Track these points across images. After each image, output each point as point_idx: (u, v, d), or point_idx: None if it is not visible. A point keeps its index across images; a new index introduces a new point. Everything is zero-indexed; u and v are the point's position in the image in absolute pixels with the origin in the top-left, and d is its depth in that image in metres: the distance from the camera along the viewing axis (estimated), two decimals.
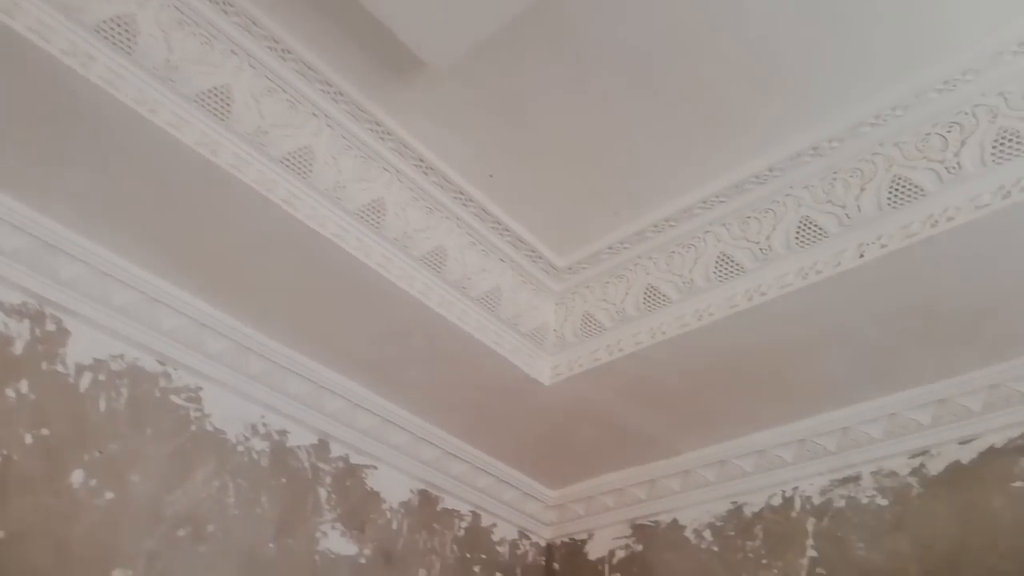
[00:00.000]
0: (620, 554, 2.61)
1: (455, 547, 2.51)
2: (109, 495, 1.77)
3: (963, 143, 1.54)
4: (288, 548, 2.07)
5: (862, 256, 1.66)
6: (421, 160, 1.78)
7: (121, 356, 1.88)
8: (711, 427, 2.30)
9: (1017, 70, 1.47)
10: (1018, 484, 1.90)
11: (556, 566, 2.77)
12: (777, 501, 2.31)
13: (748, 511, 2.36)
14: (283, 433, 2.16)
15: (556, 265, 2.06)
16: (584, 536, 2.73)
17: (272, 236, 1.72)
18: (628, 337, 2.02)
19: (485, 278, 2.00)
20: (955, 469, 2.02)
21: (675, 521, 2.51)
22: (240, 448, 2.06)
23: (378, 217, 1.78)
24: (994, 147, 1.50)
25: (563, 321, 2.13)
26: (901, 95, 1.56)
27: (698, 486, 2.45)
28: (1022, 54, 1.45)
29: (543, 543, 2.81)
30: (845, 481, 2.20)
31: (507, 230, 1.95)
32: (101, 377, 1.83)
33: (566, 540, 2.78)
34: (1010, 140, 1.48)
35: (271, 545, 2.04)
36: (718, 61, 1.53)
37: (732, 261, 1.84)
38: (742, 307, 1.83)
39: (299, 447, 2.19)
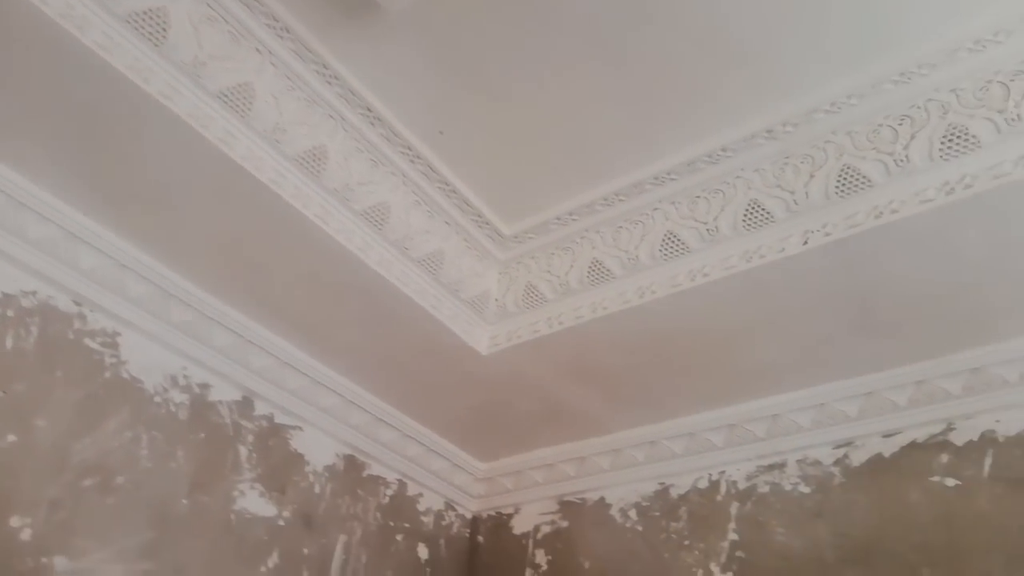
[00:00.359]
0: (545, 529, 2.60)
1: (379, 514, 2.46)
2: (11, 438, 1.66)
3: (913, 137, 1.55)
4: (202, 505, 1.99)
5: (806, 243, 1.67)
6: (369, 110, 1.70)
7: (33, 293, 1.76)
8: (645, 407, 2.30)
9: (970, 68, 1.48)
10: (935, 479, 1.95)
11: (480, 539, 2.75)
12: (703, 484, 2.33)
13: (674, 492, 2.37)
14: (205, 387, 2.08)
15: (502, 232, 2.01)
16: (511, 510, 2.72)
17: (204, 176, 1.63)
18: (569, 311, 1.99)
19: (428, 240, 1.94)
20: (877, 461, 2.06)
21: (602, 499, 2.52)
22: (158, 399, 1.96)
23: (319, 165, 1.70)
24: (943, 143, 1.51)
25: (505, 290, 2.09)
26: (857, 84, 1.56)
27: (627, 465, 2.45)
28: (977, 52, 1.46)
29: (469, 515, 2.79)
30: (771, 468, 2.23)
31: (454, 192, 1.90)
32: (10, 313, 1.72)
33: (492, 513, 2.77)
34: (958, 137, 1.50)
35: (184, 501, 1.96)
36: (680, 34, 1.50)
37: (678, 240, 1.82)
38: (684, 287, 1.82)
39: (221, 402, 2.11)
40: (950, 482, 1.93)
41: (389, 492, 2.52)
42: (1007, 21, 1.41)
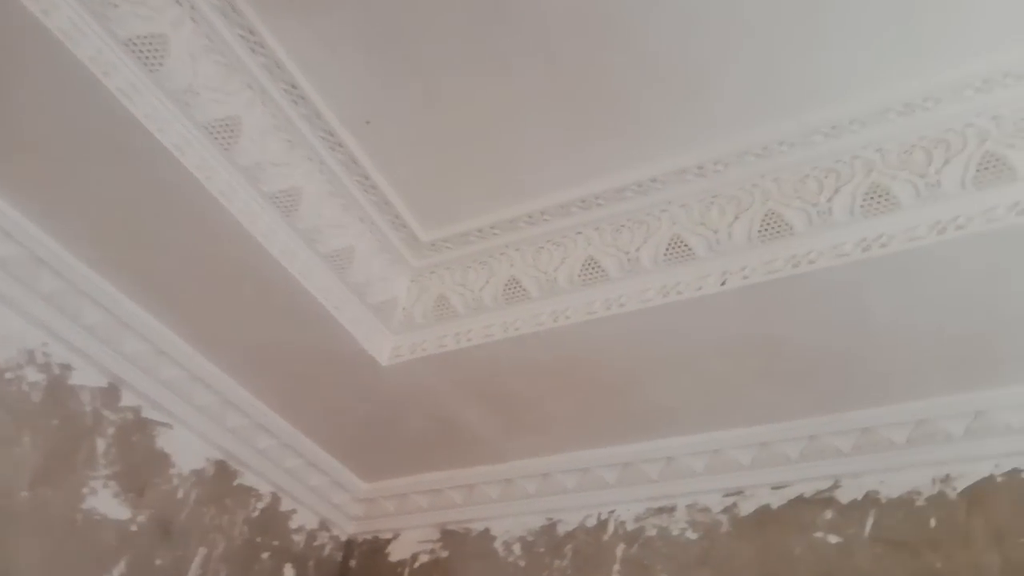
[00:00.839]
0: (424, 558, 2.48)
1: (246, 528, 2.27)
2: None
3: (837, 190, 1.57)
4: (45, 500, 1.77)
5: (724, 284, 1.66)
6: (293, 86, 1.59)
7: None
8: (542, 437, 2.24)
9: (897, 129, 1.52)
10: (819, 535, 1.97)
11: (353, 563, 2.59)
12: (592, 522, 2.28)
13: (562, 529, 2.31)
14: (66, 368, 1.86)
15: (419, 238, 1.92)
16: (389, 535, 2.58)
17: (100, 130, 1.48)
18: (480, 328, 1.92)
19: (339, 235, 1.83)
20: (764, 512, 2.07)
21: (487, 530, 2.42)
22: (9, 375, 1.74)
23: (230, 137, 1.57)
24: (864, 199, 1.54)
25: (415, 300, 1.99)
26: (790, 131, 1.58)
27: (517, 497, 2.37)
28: (905, 115, 1.51)
29: (344, 537, 2.62)
30: (660, 511, 2.20)
31: (374, 188, 1.80)
32: None
33: (369, 537, 2.61)
34: (880, 196, 1.53)
35: (24, 493, 1.74)
36: (631, 57, 1.48)
37: (599, 267, 1.79)
38: (600, 315, 1.78)
39: (82, 387, 1.90)
40: (832, 539, 1.95)
41: (260, 505, 2.34)
42: (937, 89, 1.46)
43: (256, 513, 2.31)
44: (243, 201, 1.64)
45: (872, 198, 1.54)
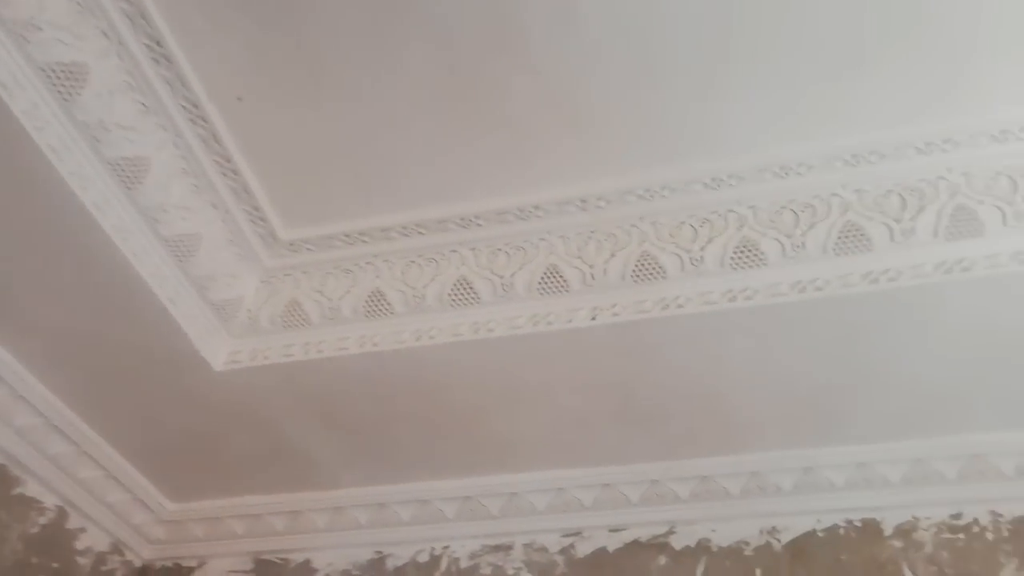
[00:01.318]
0: None
1: (20, 545, 1.93)
2: None
3: (710, 240, 1.62)
4: None
5: (594, 319, 1.65)
6: (158, 43, 1.41)
7: None
8: (383, 464, 2.10)
9: (772, 188, 1.59)
10: None
11: None
12: (424, 558, 2.16)
13: (391, 563, 2.17)
14: None
15: (277, 235, 1.76)
16: (193, 563, 2.31)
17: None
18: (333, 339, 1.78)
19: (186, 219, 1.63)
20: (600, 555, 2.06)
21: (308, 562, 2.23)
22: None
23: (73, 86, 1.36)
24: (735, 252, 1.59)
25: (263, 302, 1.81)
26: (673, 177, 1.61)
27: (346, 527, 2.21)
28: (780, 176, 1.58)
29: (138, 563, 2.32)
30: (497, 548, 2.13)
31: (234, 172, 1.62)
32: None
33: (169, 564, 2.33)
34: (748, 250, 1.59)
35: None
36: (529, 79, 1.45)
37: (471, 288, 1.72)
38: (466, 337, 1.71)
39: None
40: None
41: (42, 520, 2.01)
42: (811, 156, 1.55)
43: (36, 529, 1.98)
44: (76, 162, 1.42)
45: (742, 251, 1.60)
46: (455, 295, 1.72)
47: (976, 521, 1.89)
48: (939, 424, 1.85)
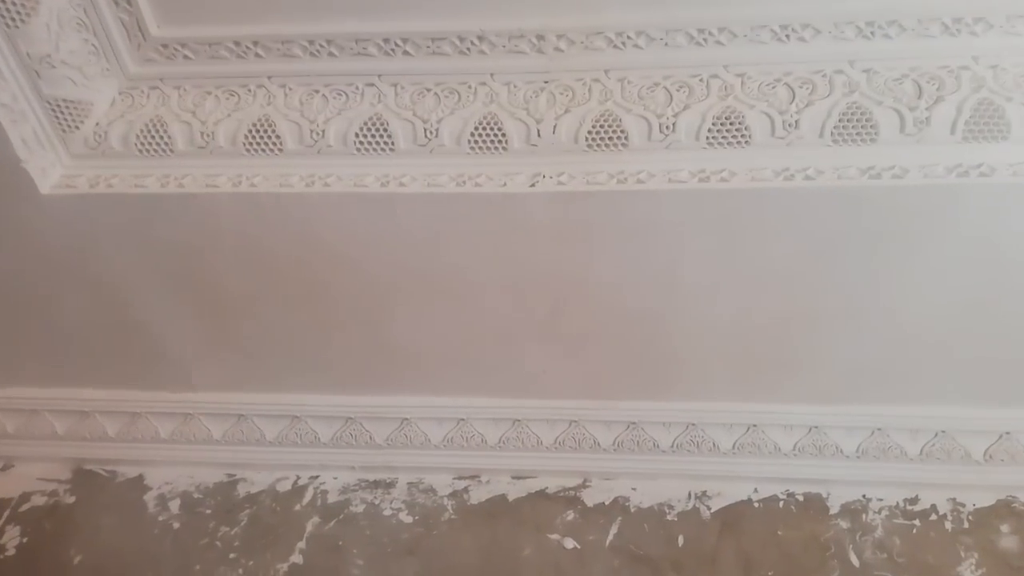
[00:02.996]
0: (38, 501, 1.81)
1: None
2: None
3: (686, 107, 1.31)
4: None
5: (533, 186, 1.33)
6: None
7: None
8: (247, 363, 1.71)
9: (766, 54, 1.31)
10: (554, 536, 1.66)
11: None
12: (285, 487, 1.79)
13: (243, 489, 1.79)
14: None
15: (148, 29, 1.36)
16: None
17: None
18: (201, 173, 1.41)
19: None
20: (498, 504, 1.72)
21: (141, 478, 1.83)
22: None
23: None
24: (714, 124, 1.30)
25: (118, 116, 1.42)
26: (653, 21, 1.30)
27: (194, 440, 1.81)
28: (780, 40, 1.30)
29: None
30: (376, 485, 1.78)
31: None
32: None
33: None
34: (730, 123, 1.30)
35: None
36: None
37: (384, 131, 1.37)
38: (370, 189, 1.36)
39: None
40: (569, 543, 1.64)
41: None
42: (818, 19, 1.27)
43: None
44: None
45: (723, 124, 1.30)
46: (364, 138, 1.38)
47: (934, 507, 1.64)
48: (911, 386, 1.59)
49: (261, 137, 1.39)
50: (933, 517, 1.64)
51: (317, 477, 1.79)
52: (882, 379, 1.59)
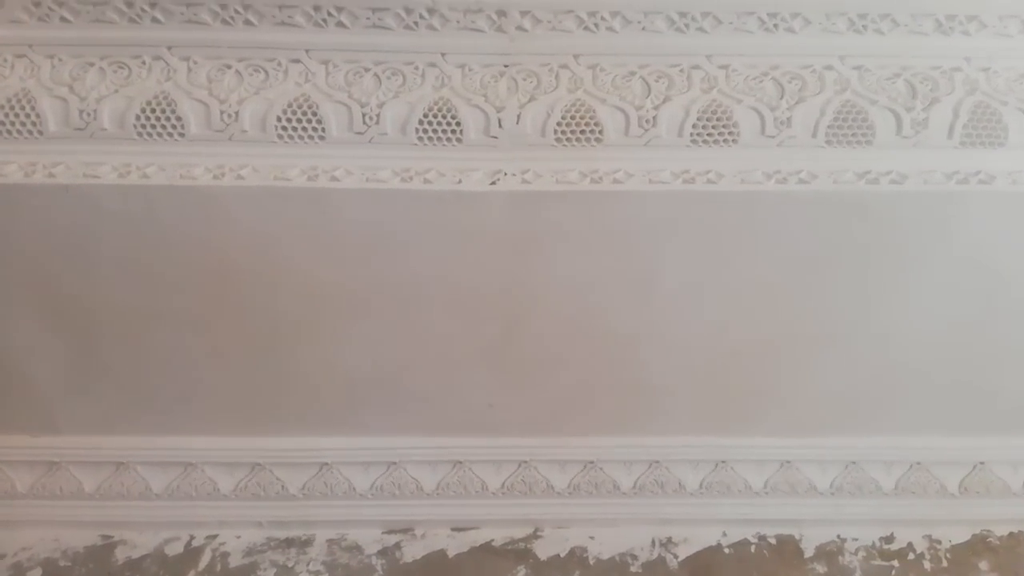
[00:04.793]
0: None
1: None
2: None
3: (666, 99, 1.18)
4: None
5: (493, 183, 1.16)
6: None
7: None
8: (127, 398, 1.43)
9: (752, 44, 1.20)
10: None
11: None
12: (175, 549, 1.50)
13: (122, 554, 1.49)
14: None
15: None
16: None
17: None
18: (79, 161, 1.16)
19: None
20: (435, 561, 1.50)
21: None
22: None
23: None
24: (699, 120, 1.17)
25: None
26: (628, 2, 1.17)
27: (61, 495, 1.50)
28: (767, 30, 1.19)
29: None
30: (290, 543, 1.52)
31: None
32: None
33: None
34: (716, 119, 1.17)
35: None
36: None
37: (314, 115, 1.17)
38: (294, 184, 1.15)
39: None
40: None
41: None
42: (808, 8, 1.17)
43: None
44: None
45: (708, 120, 1.18)
46: (290, 122, 1.17)
47: (911, 546, 1.55)
48: (887, 415, 1.50)
49: (157, 117, 1.16)
50: (911, 556, 1.54)
51: (216, 536, 1.52)
52: (858, 408, 1.49)
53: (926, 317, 1.32)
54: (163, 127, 1.16)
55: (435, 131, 1.18)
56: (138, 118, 1.16)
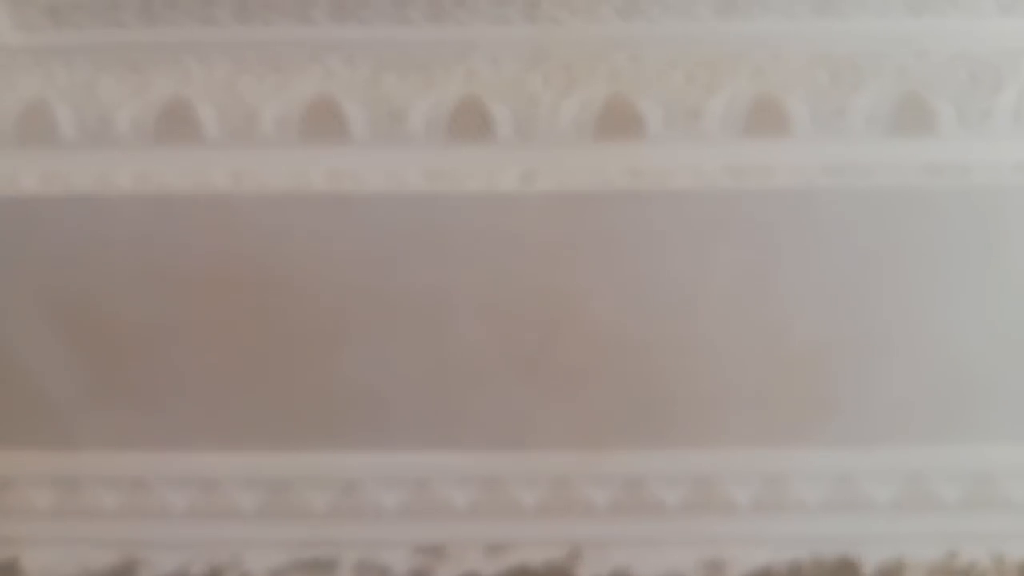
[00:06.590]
0: None
1: None
2: None
3: (712, 90, 1.14)
4: None
5: (527, 183, 1.12)
6: None
7: None
8: (148, 415, 1.42)
9: (801, 30, 1.15)
10: None
11: None
12: (199, 569, 1.49)
13: (145, 575, 1.48)
14: None
15: None
16: None
17: None
18: (96, 169, 1.15)
19: None
20: None
21: (14, 562, 1.50)
22: None
23: None
24: (747, 111, 1.13)
25: None
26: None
27: (82, 512, 1.49)
28: (817, 12, 1.14)
29: None
30: (315, 565, 1.50)
31: None
32: None
33: None
34: (766, 110, 1.13)
35: None
36: None
37: (338, 116, 1.15)
38: (318, 188, 1.14)
39: None
40: None
41: None
42: None
43: None
44: None
45: (758, 111, 1.14)
46: (310, 125, 1.15)
47: (976, 563, 1.49)
48: (953, 424, 1.44)
49: (176, 122, 1.14)
50: (974, 573, 1.48)
51: (239, 556, 1.50)
52: (921, 417, 1.43)
53: (994, 319, 1.27)
54: (181, 131, 1.14)
55: (464, 128, 1.15)
56: (158, 121, 1.14)
